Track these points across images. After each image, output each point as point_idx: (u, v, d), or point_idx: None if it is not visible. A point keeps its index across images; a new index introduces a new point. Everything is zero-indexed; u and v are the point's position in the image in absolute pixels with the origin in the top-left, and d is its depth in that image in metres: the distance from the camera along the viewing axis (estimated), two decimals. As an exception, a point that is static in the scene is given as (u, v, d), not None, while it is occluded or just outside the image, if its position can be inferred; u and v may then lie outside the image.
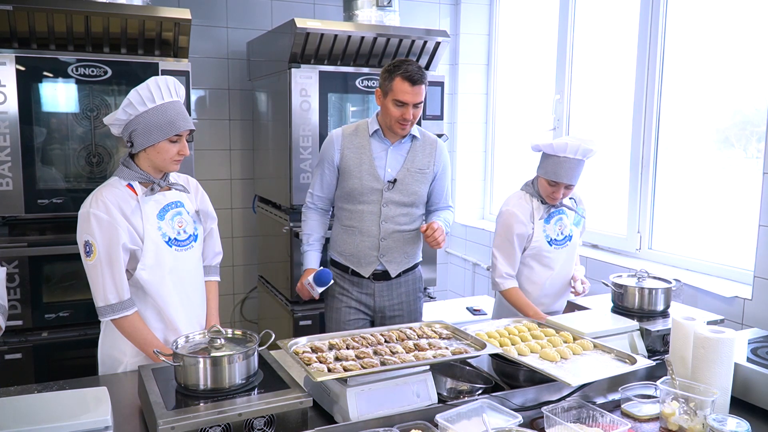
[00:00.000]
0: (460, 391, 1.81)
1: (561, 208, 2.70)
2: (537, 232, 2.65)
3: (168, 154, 2.03)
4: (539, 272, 2.69)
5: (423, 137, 2.67)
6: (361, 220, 2.60)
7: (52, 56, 2.88)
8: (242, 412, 1.51)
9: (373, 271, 2.63)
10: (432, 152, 2.66)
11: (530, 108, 4.28)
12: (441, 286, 4.66)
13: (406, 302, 2.72)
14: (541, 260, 2.68)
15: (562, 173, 2.54)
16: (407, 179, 2.60)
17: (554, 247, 2.67)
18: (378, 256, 2.61)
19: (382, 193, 2.57)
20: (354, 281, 2.66)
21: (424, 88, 2.49)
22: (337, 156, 2.61)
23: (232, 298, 4.22)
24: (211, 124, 4.02)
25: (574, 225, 2.74)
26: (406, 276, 2.71)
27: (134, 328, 2.02)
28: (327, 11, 4.13)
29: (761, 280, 2.51)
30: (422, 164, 2.63)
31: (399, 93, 2.46)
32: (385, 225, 2.59)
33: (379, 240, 2.60)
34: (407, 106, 2.47)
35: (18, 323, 2.89)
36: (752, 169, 2.84)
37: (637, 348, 2.13)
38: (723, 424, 1.51)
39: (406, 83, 2.45)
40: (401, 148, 2.62)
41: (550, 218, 2.68)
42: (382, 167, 2.59)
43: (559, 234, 2.69)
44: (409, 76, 2.45)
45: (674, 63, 3.17)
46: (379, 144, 2.61)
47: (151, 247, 2.03)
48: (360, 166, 2.57)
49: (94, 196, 2.00)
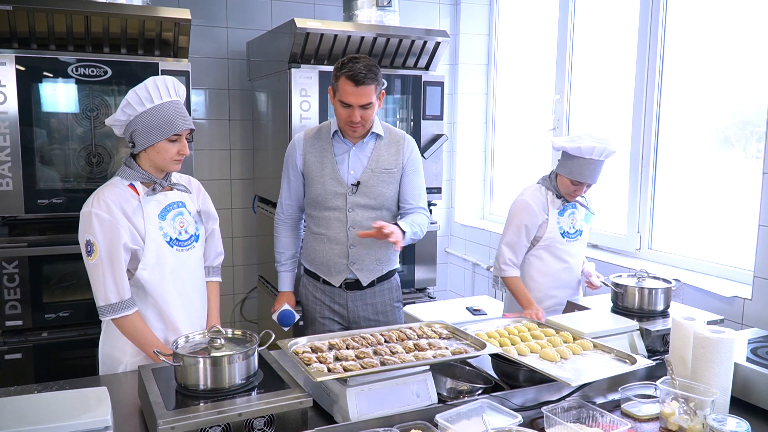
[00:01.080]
0: (460, 391, 1.81)
1: (573, 203, 2.78)
2: (551, 223, 2.73)
3: (168, 154, 2.04)
4: (551, 264, 2.76)
5: (389, 135, 2.53)
6: (329, 227, 2.49)
7: (52, 56, 2.88)
8: (242, 412, 1.51)
9: (344, 279, 2.52)
10: (399, 149, 2.51)
11: (530, 108, 4.28)
12: (441, 286, 4.66)
13: (382, 312, 2.59)
14: (553, 252, 2.75)
15: (587, 174, 2.62)
16: (372, 181, 2.46)
17: (566, 239, 2.76)
18: (348, 264, 2.49)
19: (346, 197, 2.45)
20: (326, 290, 2.56)
21: (372, 88, 2.32)
22: (299, 160, 2.52)
23: (231, 298, 4.22)
24: (211, 124, 4.02)
25: (584, 221, 2.83)
26: (381, 285, 2.58)
27: (135, 327, 2.03)
28: (327, 11, 4.13)
29: (761, 279, 2.51)
30: (388, 163, 2.49)
31: (343, 94, 2.32)
32: (353, 231, 2.46)
33: (348, 247, 2.48)
34: (353, 108, 2.33)
35: (18, 323, 2.89)
36: (752, 168, 2.84)
37: (637, 348, 2.13)
38: (723, 424, 1.51)
39: (349, 83, 2.29)
40: (364, 149, 2.49)
41: (563, 211, 2.77)
42: (344, 170, 2.46)
43: (572, 227, 2.78)
44: (353, 75, 2.28)
45: (674, 63, 3.17)
46: (341, 145, 2.49)
47: (152, 247, 2.03)
48: (322, 170, 2.46)
49: (96, 196, 2.01)
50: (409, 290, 3.73)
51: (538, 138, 4.20)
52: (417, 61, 3.60)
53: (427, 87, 3.60)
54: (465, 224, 4.58)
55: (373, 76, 2.32)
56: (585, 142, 2.61)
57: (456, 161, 4.64)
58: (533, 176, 4.25)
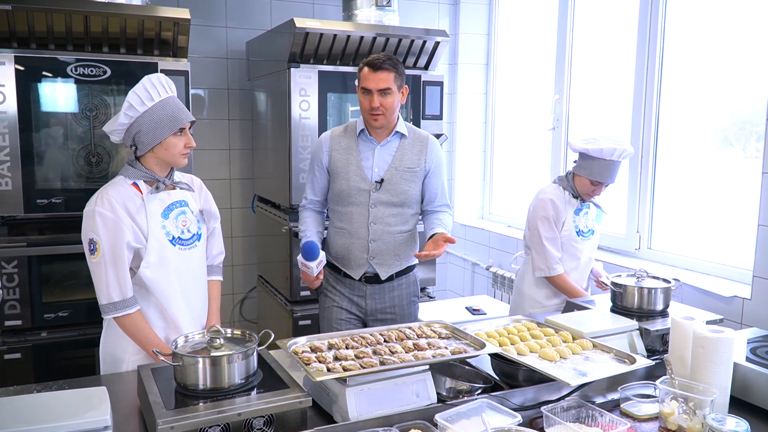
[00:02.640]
0: (459, 390, 1.81)
1: (588, 203, 2.88)
2: (568, 221, 2.84)
3: (176, 149, 2.06)
4: (566, 262, 2.86)
5: (413, 135, 2.62)
6: (351, 222, 2.57)
7: (51, 56, 2.88)
8: (241, 412, 1.51)
9: (364, 273, 2.59)
10: (422, 150, 2.60)
11: (529, 107, 4.28)
12: (440, 286, 4.66)
13: (399, 306, 2.67)
14: (568, 250, 2.85)
15: (607, 174, 2.74)
16: (395, 179, 2.55)
17: (581, 238, 2.86)
18: (368, 259, 2.57)
19: (369, 193, 2.54)
20: (346, 283, 2.64)
21: (390, 75, 2.45)
22: (325, 158, 2.60)
23: (231, 298, 4.22)
24: (211, 123, 4.02)
25: (595, 221, 2.92)
26: (399, 280, 2.66)
27: (136, 326, 2.03)
28: (326, 11, 4.13)
29: (760, 279, 2.51)
30: (411, 163, 2.58)
31: (362, 80, 2.47)
32: (374, 226, 2.55)
33: (369, 242, 2.56)
34: (372, 94, 2.44)
35: (17, 323, 2.89)
36: (751, 168, 2.85)
37: (637, 348, 2.13)
38: (722, 424, 1.51)
39: (366, 69, 2.46)
40: (389, 147, 2.58)
41: (579, 210, 2.87)
42: (369, 167, 2.55)
43: (585, 226, 2.88)
44: (371, 61, 2.45)
45: (673, 62, 3.17)
46: (366, 144, 2.57)
47: (155, 246, 2.04)
48: (347, 167, 2.55)
49: (99, 195, 2.02)
50: (408, 290, 3.73)
51: (538, 138, 4.21)
52: (416, 61, 3.60)
53: (427, 87, 3.60)
54: (464, 224, 4.58)
55: (391, 63, 2.45)
56: (605, 144, 2.72)
57: (455, 161, 4.64)
58: (532, 176, 4.27)
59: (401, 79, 2.50)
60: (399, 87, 2.49)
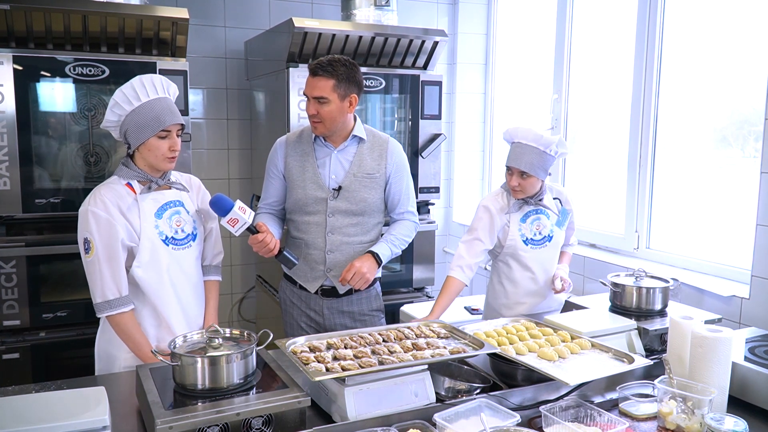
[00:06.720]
0: (458, 390, 1.81)
1: (539, 208, 2.65)
2: (512, 229, 2.61)
3: (159, 151, 2.04)
4: (517, 271, 2.65)
5: (372, 138, 2.46)
6: (307, 232, 2.44)
7: (50, 56, 2.87)
8: (240, 412, 1.51)
9: (320, 286, 2.47)
10: (382, 154, 2.44)
11: (528, 107, 4.28)
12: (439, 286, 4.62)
13: (360, 322, 2.52)
14: (518, 259, 2.64)
15: (512, 158, 2.57)
16: (354, 186, 2.39)
17: (530, 246, 2.63)
18: (324, 271, 2.44)
19: (327, 201, 2.39)
20: (302, 296, 2.52)
21: (326, 82, 2.25)
22: (281, 164, 2.47)
23: (230, 298, 4.22)
24: (209, 123, 4.02)
25: (555, 225, 2.68)
26: (359, 294, 2.51)
27: (128, 327, 2.04)
28: (325, 11, 4.13)
29: (759, 279, 2.52)
30: (370, 168, 2.42)
31: (305, 84, 2.34)
32: (331, 236, 2.41)
33: (326, 252, 2.42)
34: (309, 100, 2.30)
35: (15, 323, 2.89)
36: (750, 168, 2.85)
37: (635, 347, 2.13)
38: (720, 423, 1.51)
39: (308, 74, 2.31)
40: (346, 153, 2.42)
41: (526, 217, 2.64)
42: (326, 174, 2.40)
43: (537, 234, 2.65)
44: (311, 65, 2.29)
45: (672, 62, 3.17)
46: (322, 149, 2.42)
47: (147, 245, 2.04)
48: (303, 175, 2.41)
49: (93, 195, 2.03)
50: (407, 290, 3.73)
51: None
52: (415, 61, 3.60)
53: (425, 86, 3.60)
54: (463, 224, 4.58)
55: (330, 70, 2.26)
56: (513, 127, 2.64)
57: (454, 161, 4.64)
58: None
59: (345, 87, 2.29)
60: (342, 96, 2.29)
